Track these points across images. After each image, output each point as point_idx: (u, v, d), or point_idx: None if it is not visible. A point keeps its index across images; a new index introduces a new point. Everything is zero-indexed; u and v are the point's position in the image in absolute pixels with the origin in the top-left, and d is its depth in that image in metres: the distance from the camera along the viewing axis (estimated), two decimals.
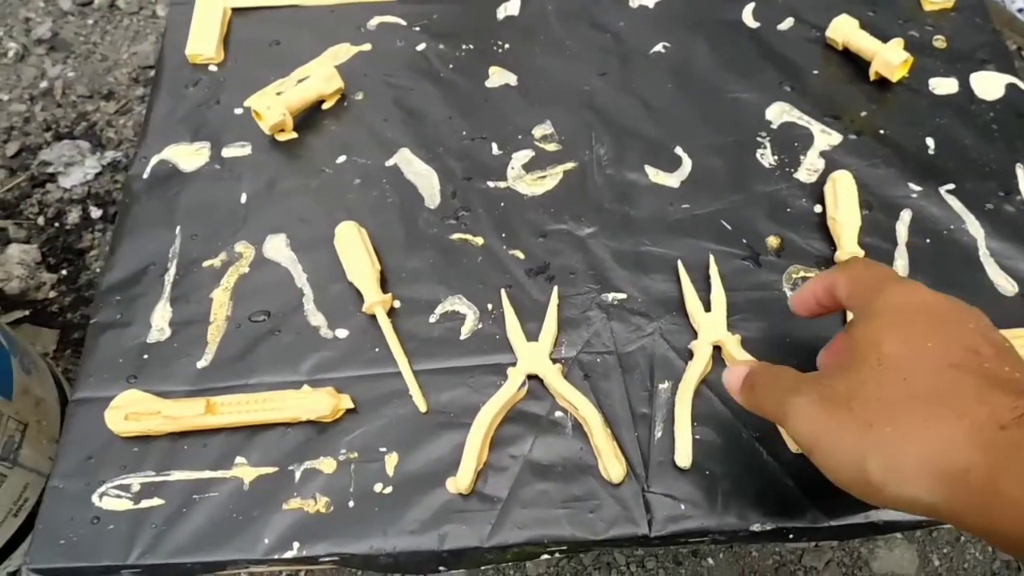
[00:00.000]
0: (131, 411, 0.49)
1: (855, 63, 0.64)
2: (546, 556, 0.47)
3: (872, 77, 0.62)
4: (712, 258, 0.53)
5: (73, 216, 1.15)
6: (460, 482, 0.46)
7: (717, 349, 0.50)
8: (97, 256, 1.13)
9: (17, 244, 1.11)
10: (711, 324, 0.51)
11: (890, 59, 0.61)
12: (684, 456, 0.47)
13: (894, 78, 0.62)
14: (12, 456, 0.85)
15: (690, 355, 0.50)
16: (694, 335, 0.51)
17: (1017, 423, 0.31)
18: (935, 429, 0.32)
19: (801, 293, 0.45)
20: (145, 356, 0.52)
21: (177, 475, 0.48)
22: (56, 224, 1.15)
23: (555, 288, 0.52)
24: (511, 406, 0.49)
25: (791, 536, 0.47)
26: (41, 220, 1.15)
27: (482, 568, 0.98)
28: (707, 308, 0.52)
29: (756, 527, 0.45)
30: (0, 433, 0.82)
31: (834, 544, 1.01)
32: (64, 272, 1.11)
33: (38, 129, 1.22)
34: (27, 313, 1.07)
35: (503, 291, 0.52)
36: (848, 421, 0.34)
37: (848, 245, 0.53)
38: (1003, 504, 0.30)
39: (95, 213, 1.15)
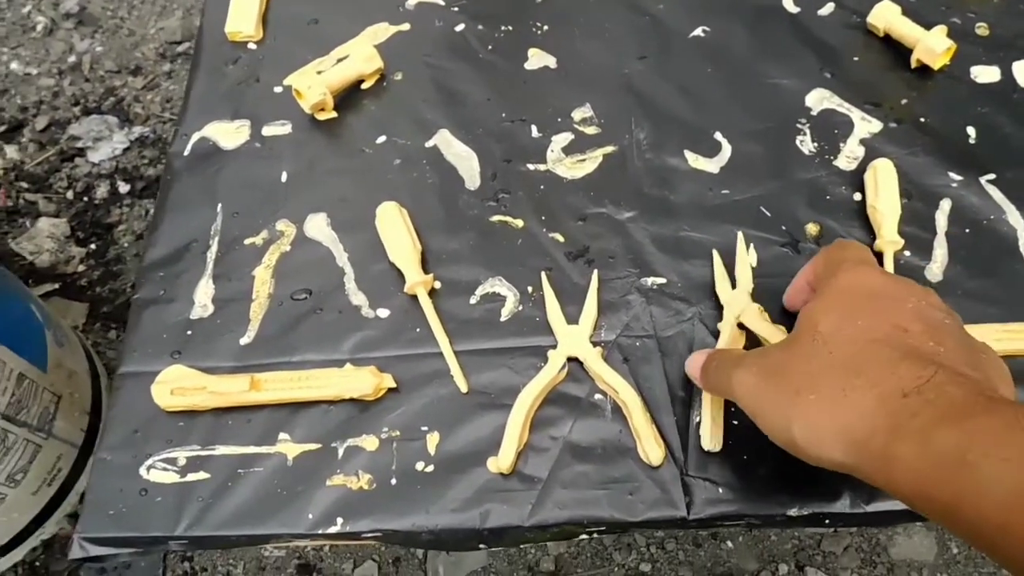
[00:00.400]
0: (177, 386, 0.50)
1: (896, 50, 0.63)
2: (584, 536, 0.48)
3: (913, 64, 0.62)
4: (740, 235, 0.53)
5: (101, 191, 1.16)
6: (502, 462, 0.46)
7: (751, 334, 0.50)
8: (125, 231, 1.14)
9: (47, 218, 1.12)
10: (735, 300, 0.51)
11: (933, 46, 0.60)
12: (711, 439, 0.47)
13: (936, 66, 0.61)
14: (47, 427, 0.86)
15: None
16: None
17: (917, 391, 0.34)
18: (848, 398, 0.35)
19: (793, 285, 0.48)
20: (189, 332, 0.53)
21: (222, 450, 0.49)
22: (85, 198, 1.15)
23: (595, 271, 0.53)
24: (551, 388, 0.49)
25: (827, 521, 0.47)
26: (70, 194, 1.16)
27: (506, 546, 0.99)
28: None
29: (793, 512, 0.46)
30: (36, 404, 0.84)
31: (853, 530, 1.02)
32: (93, 246, 1.12)
33: (67, 104, 1.23)
34: (57, 286, 1.08)
35: (543, 274, 0.53)
36: (780, 389, 0.38)
37: (888, 234, 0.53)
38: (896, 464, 0.33)
39: (123, 188, 1.16)
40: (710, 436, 0.47)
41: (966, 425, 0.32)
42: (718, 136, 0.59)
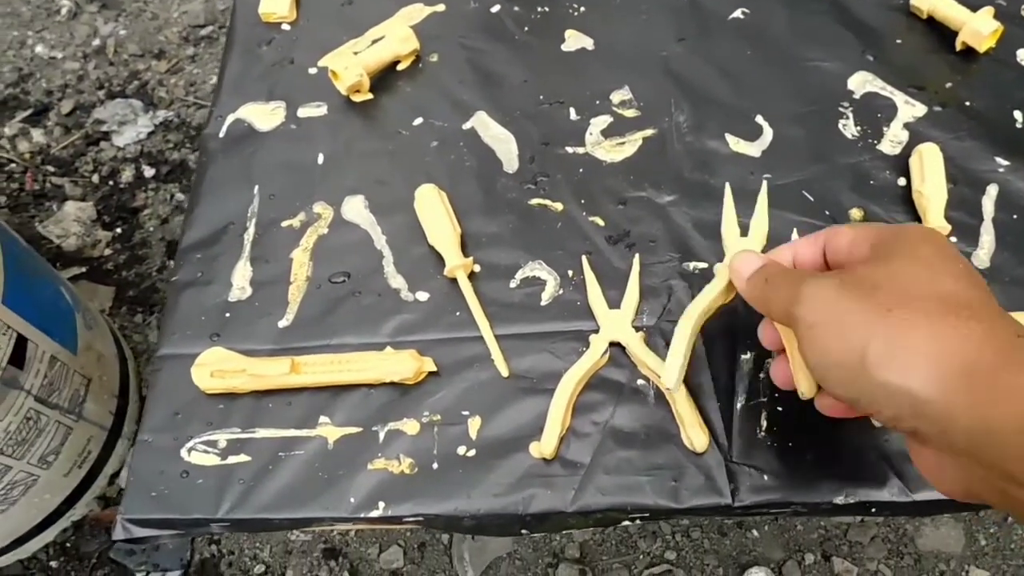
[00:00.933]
0: (217, 368, 0.50)
1: (939, 32, 0.62)
2: (626, 523, 0.48)
3: (958, 47, 0.60)
4: (765, 183, 0.50)
5: (127, 175, 1.16)
6: (544, 447, 0.46)
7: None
8: (150, 215, 1.14)
9: (73, 202, 1.12)
10: (742, 247, 0.47)
11: (979, 28, 0.59)
12: (670, 377, 0.44)
13: (981, 48, 0.60)
14: (77, 409, 0.87)
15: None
16: None
17: None
18: (952, 326, 0.32)
19: (780, 251, 0.43)
20: (227, 314, 0.53)
21: (262, 432, 0.49)
22: (110, 182, 1.16)
23: (636, 256, 0.52)
24: (593, 373, 0.49)
25: (873, 510, 0.46)
26: (96, 178, 1.16)
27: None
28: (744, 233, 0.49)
29: (840, 500, 0.45)
30: (67, 387, 0.84)
31: (879, 520, 1.01)
32: (119, 230, 1.13)
33: (92, 87, 1.23)
34: (84, 270, 1.09)
35: (584, 258, 0.52)
36: (866, 303, 0.34)
37: (934, 219, 0.52)
38: (1001, 393, 0.30)
39: (148, 172, 1.16)
40: (671, 373, 0.44)
41: None
42: (759, 119, 0.58)
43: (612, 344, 0.49)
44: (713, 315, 0.47)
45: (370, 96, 0.60)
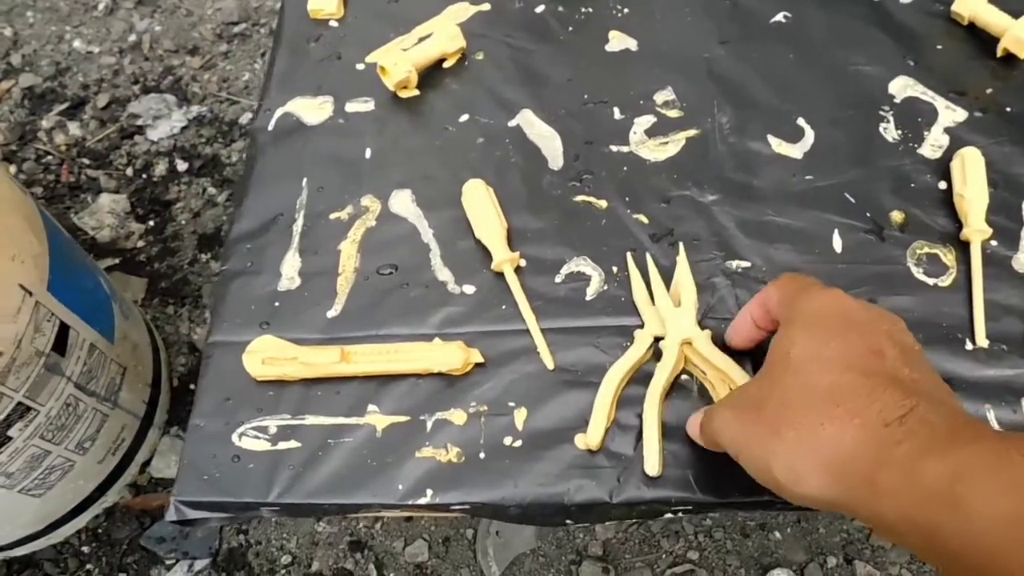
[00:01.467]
0: (267, 356, 0.51)
1: (979, 38, 0.62)
2: (669, 515, 0.48)
3: (999, 53, 0.61)
4: (682, 247, 0.53)
5: (160, 168, 1.17)
6: (590, 438, 0.47)
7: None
8: (183, 208, 1.15)
9: (108, 194, 1.14)
10: (680, 321, 0.49)
11: (1021, 35, 0.59)
12: (652, 465, 0.46)
13: (1023, 55, 0.60)
14: (113, 397, 0.88)
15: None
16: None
17: (900, 421, 0.33)
18: (828, 430, 0.35)
19: (737, 319, 0.47)
20: (276, 304, 0.54)
21: (312, 420, 0.50)
22: (144, 175, 1.17)
23: (682, 251, 0.53)
24: (638, 367, 0.49)
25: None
26: (130, 171, 1.17)
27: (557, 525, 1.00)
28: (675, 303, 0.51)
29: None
30: (104, 375, 0.85)
31: None
32: (151, 223, 1.14)
33: (127, 82, 1.25)
34: (117, 261, 1.10)
35: (629, 255, 0.53)
36: (758, 427, 0.38)
37: (975, 222, 0.53)
38: (881, 494, 0.33)
39: (181, 166, 1.18)
40: (654, 462, 0.46)
41: (952, 455, 0.32)
42: (801, 122, 0.59)
43: (657, 339, 0.50)
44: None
45: (417, 92, 0.61)
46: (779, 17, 0.64)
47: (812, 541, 1.01)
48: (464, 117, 0.60)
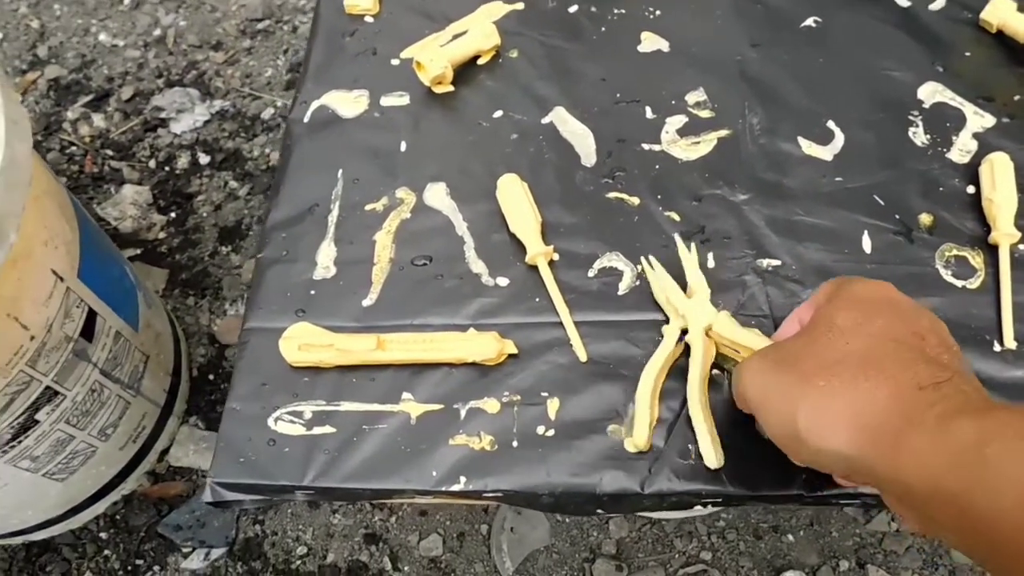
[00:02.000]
0: (304, 342, 0.52)
1: (1007, 46, 0.63)
2: (699, 508, 0.49)
3: None
4: (678, 237, 0.54)
5: (182, 161, 1.18)
6: (637, 439, 0.47)
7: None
8: (204, 201, 1.16)
9: (131, 185, 1.15)
10: (697, 310, 0.50)
11: None
12: (711, 457, 0.46)
13: None
14: (136, 385, 0.89)
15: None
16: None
17: (934, 387, 0.34)
18: (861, 387, 0.35)
19: (785, 323, 0.46)
20: (312, 292, 0.54)
21: (347, 406, 0.50)
22: (166, 168, 1.18)
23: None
24: (672, 363, 0.50)
25: None
26: (152, 163, 1.18)
27: (586, 519, 1.01)
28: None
29: None
30: (128, 362, 0.86)
31: (914, 530, 1.02)
32: (173, 215, 1.15)
33: (151, 75, 1.26)
34: (139, 252, 1.11)
35: (643, 259, 0.53)
36: (789, 376, 0.37)
37: (1004, 226, 0.53)
38: (907, 454, 0.32)
39: (203, 159, 1.19)
40: (712, 453, 0.46)
41: (985, 418, 0.31)
42: (831, 124, 0.60)
43: (683, 331, 0.50)
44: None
45: (452, 88, 0.62)
46: (809, 21, 0.65)
47: (825, 544, 1.01)
48: (498, 113, 0.61)
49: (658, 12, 0.65)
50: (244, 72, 1.26)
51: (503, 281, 0.54)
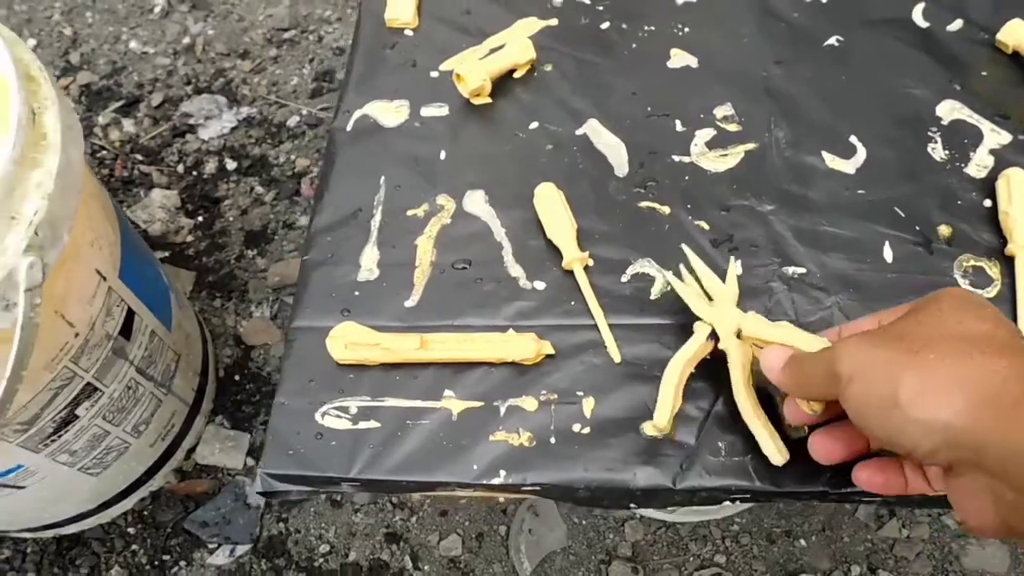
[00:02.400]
0: (350, 341, 0.54)
1: (1023, 67, 0.66)
2: (727, 503, 0.51)
3: None
4: (686, 248, 0.55)
5: (210, 166, 1.21)
6: (659, 422, 0.49)
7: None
8: (231, 205, 1.19)
9: (159, 189, 1.18)
10: (722, 314, 0.51)
11: None
12: (777, 453, 0.47)
13: None
14: (168, 384, 0.92)
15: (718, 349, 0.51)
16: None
17: None
18: (976, 359, 0.35)
19: (860, 321, 0.46)
20: (356, 292, 0.57)
21: (391, 402, 0.53)
22: (194, 173, 1.21)
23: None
24: (700, 359, 0.52)
25: None
26: (181, 168, 1.21)
27: (602, 521, 1.03)
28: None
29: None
30: (161, 361, 0.89)
31: (925, 536, 1.04)
32: (200, 218, 1.18)
33: (180, 82, 1.29)
34: (167, 254, 1.14)
35: (684, 256, 0.55)
36: (895, 350, 0.36)
37: (1020, 238, 0.56)
38: None
39: (230, 165, 1.22)
40: (775, 450, 0.48)
41: None
42: (853, 139, 0.62)
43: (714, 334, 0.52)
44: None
45: (489, 100, 0.64)
46: (832, 40, 0.67)
47: (836, 549, 1.03)
48: (534, 124, 0.63)
49: (687, 29, 0.68)
50: (270, 80, 1.30)
51: (540, 285, 0.56)
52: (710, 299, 0.53)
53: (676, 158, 0.61)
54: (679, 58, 0.66)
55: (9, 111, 0.61)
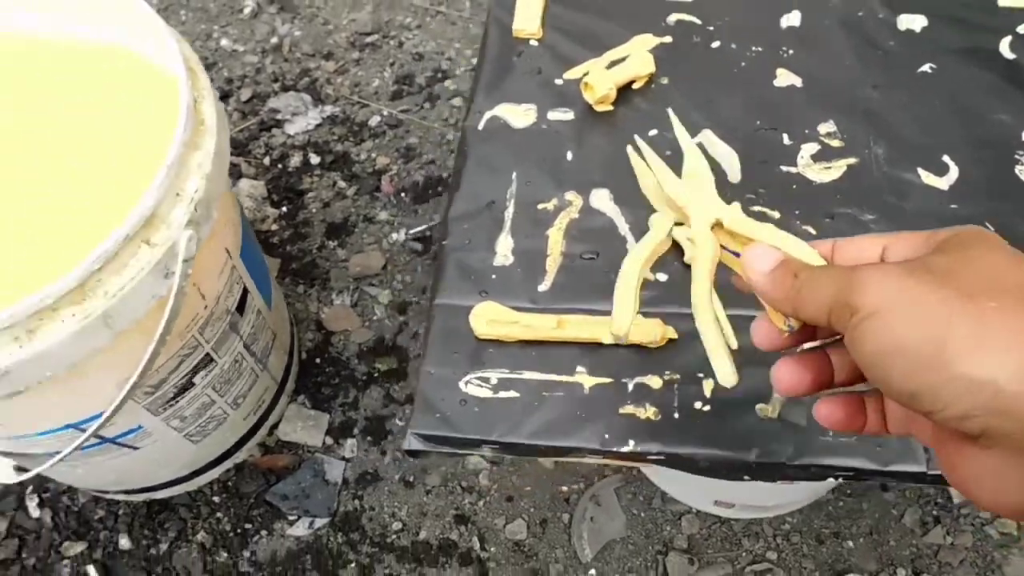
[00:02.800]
0: (491, 318, 0.60)
1: None
2: (831, 480, 0.56)
3: None
4: (671, 110, 0.51)
5: (295, 160, 1.28)
6: (617, 326, 0.43)
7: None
8: (314, 198, 1.25)
9: (247, 179, 1.24)
10: (699, 199, 0.42)
11: None
12: (728, 373, 0.42)
13: None
14: (265, 360, 0.97)
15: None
16: None
17: None
18: None
19: (857, 239, 0.38)
20: (493, 276, 0.63)
21: (528, 375, 0.58)
22: (280, 165, 1.27)
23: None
24: (656, 258, 0.46)
25: None
26: (267, 160, 1.28)
27: (660, 514, 1.08)
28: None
29: None
30: (262, 338, 0.95)
31: (968, 544, 1.08)
32: (285, 209, 1.24)
33: (267, 80, 1.36)
34: None
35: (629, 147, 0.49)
36: (944, 289, 0.29)
37: None
38: None
39: (314, 159, 1.28)
40: (729, 371, 0.42)
41: None
42: (946, 159, 0.67)
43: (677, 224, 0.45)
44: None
45: (611, 108, 0.70)
46: (925, 67, 0.73)
47: (883, 552, 1.08)
48: (653, 131, 0.69)
49: (791, 51, 0.74)
50: (353, 81, 1.36)
51: (662, 276, 0.62)
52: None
53: (784, 168, 0.67)
54: (784, 77, 0.72)
55: (179, 101, 0.68)
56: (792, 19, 0.76)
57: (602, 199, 0.66)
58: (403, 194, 1.25)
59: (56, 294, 0.60)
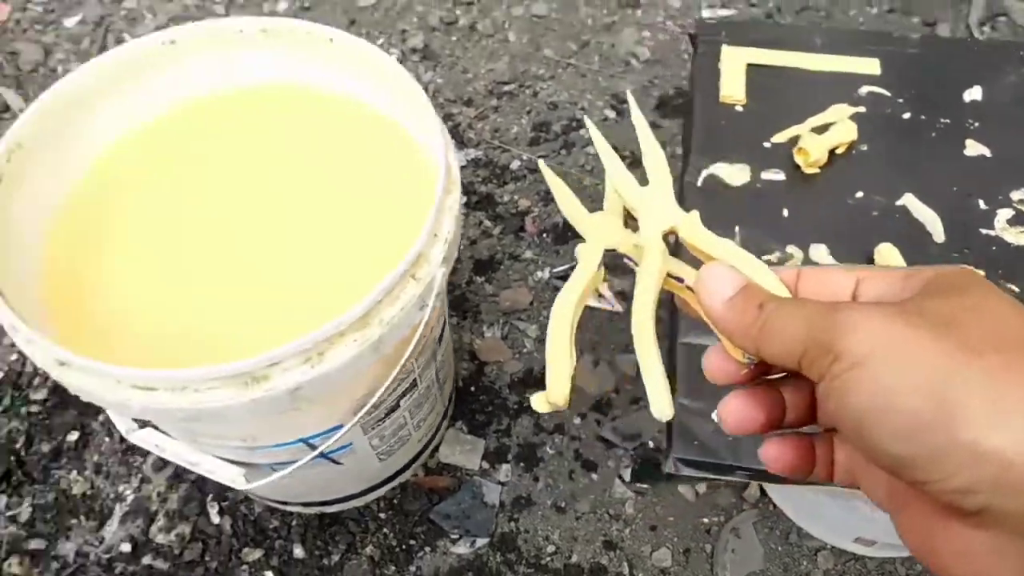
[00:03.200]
0: None
1: None
2: None
3: None
4: (629, 92, 0.52)
5: None
6: (552, 394, 0.34)
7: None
8: (461, 236, 1.33)
9: None
10: (651, 205, 0.37)
11: None
12: (663, 405, 0.34)
13: None
14: (442, 386, 1.05)
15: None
16: None
17: None
18: None
19: (831, 269, 0.33)
20: None
21: None
22: None
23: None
24: (588, 293, 0.37)
25: None
26: None
27: (798, 550, 1.13)
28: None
29: None
30: (444, 366, 1.02)
31: None
32: None
33: None
34: None
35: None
36: (945, 341, 0.26)
37: None
38: None
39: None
40: (666, 402, 0.34)
41: None
42: None
43: (608, 251, 0.37)
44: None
45: (818, 171, 0.78)
46: None
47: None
48: (859, 193, 0.76)
49: (977, 124, 0.81)
50: (493, 127, 1.45)
51: None
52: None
53: (983, 231, 0.74)
54: (973, 148, 0.79)
55: (438, 154, 0.76)
56: (974, 93, 0.83)
57: (821, 253, 0.73)
58: (545, 235, 1.33)
59: (348, 322, 0.68)
